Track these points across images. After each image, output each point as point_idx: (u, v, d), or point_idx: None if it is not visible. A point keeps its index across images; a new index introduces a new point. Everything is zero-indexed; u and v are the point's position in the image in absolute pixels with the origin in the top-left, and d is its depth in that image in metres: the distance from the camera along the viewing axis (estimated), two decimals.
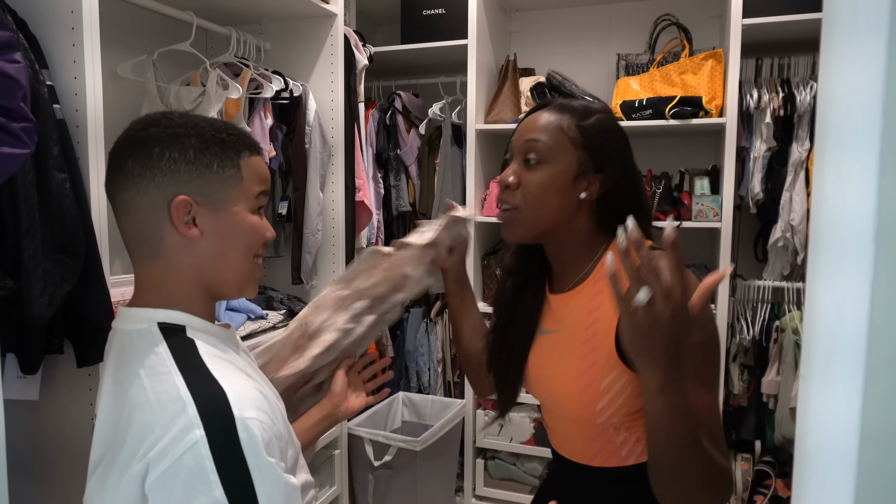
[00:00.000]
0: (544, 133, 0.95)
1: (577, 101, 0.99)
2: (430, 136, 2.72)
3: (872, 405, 0.25)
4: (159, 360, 0.74)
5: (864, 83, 0.29)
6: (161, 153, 0.77)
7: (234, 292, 0.84)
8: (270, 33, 2.17)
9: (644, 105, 2.23)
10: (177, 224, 0.77)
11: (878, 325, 0.26)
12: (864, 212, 0.28)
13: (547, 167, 0.95)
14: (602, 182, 0.96)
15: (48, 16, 1.20)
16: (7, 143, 0.91)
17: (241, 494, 0.66)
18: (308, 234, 2.08)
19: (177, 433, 0.67)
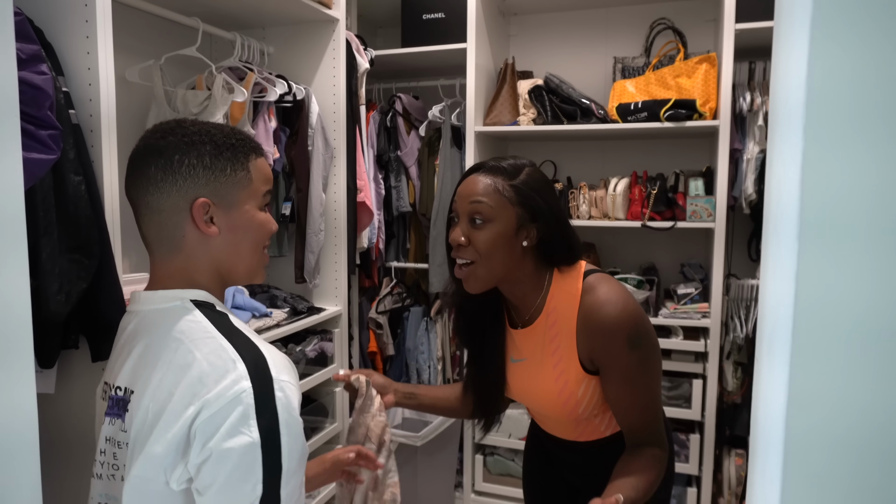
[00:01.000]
0: (485, 196, 1.12)
1: (505, 162, 1.16)
2: (430, 137, 2.77)
3: (799, 380, 0.30)
4: (200, 327, 0.83)
5: (794, 82, 0.34)
6: (181, 160, 0.85)
7: (245, 279, 0.95)
8: (274, 38, 2.22)
9: (639, 108, 2.28)
10: (198, 223, 0.86)
11: (802, 308, 0.31)
12: (791, 201, 0.32)
13: (492, 225, 1.12)
14: (538, 229, 1.14)
15: (63, 25, 1.25)
16: (35, 149, 0.97)
17: (271, 441, 0.77)
18: (311, 234, 2.13)
19: (229, 383, 0.77)
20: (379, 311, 2.82)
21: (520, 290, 1.19)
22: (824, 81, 0.32)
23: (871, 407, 0.30)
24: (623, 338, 1.09)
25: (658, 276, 2.49)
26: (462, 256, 1.14)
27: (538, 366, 1.19)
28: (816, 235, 0.32)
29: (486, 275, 1.14)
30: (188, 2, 1.89)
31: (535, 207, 1.13)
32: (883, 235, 0.31)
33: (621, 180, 2.40)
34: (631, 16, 2.65)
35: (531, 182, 1.14)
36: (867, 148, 0.32)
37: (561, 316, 1.16)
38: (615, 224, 2.38)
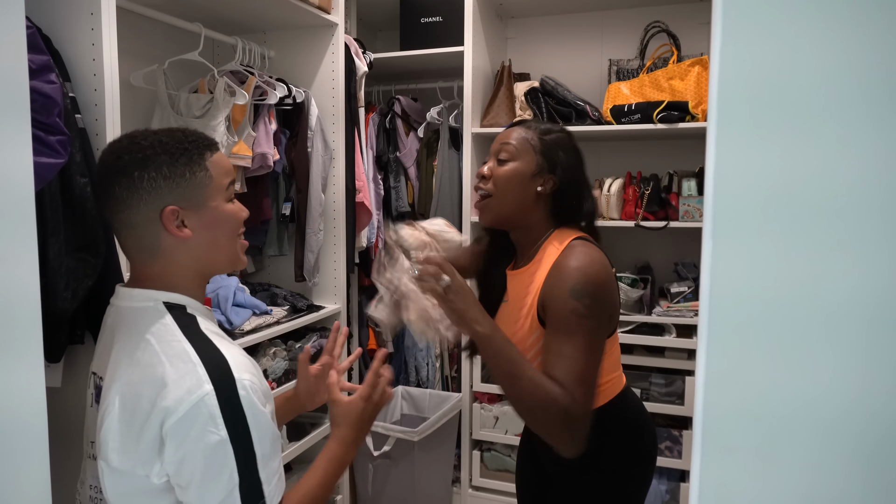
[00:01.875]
0: (514, 140, 1.27)
1: (544, 124, 1.31)
2: (428, 139, 2.82)
3: (712, 360, 0.35)
4: (167, 330, 0.89)
5: (713, 80, 0.38)
6: (141, 175, 0.90)
7: (227, 268, 1.01)
8: (275, 42, 2.27)
9: (633, 110, 2.32)
10: (170, 230, 0.92)
11: (715, 294, 0.35)
12: (709, 196, 0.37)
13: (513, 164, 1.25)
14: (554, 182, 1.25)
15: (70, 32, 1.30)
16: (45, 153, 1.02)
17: (240, 435, 0.85)
18: (310, 234, 2.18)
19: (191, 386, 0.83)
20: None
21: (525, 237, 1.30)
22: (730, 78, 0.37)
23: (776, 384, 0.35)
24: (568, 285, 1.12)
25: (652, 275, 2.53)
26: (481, 186, 1.28)
27: (512, 308, 1.28)
28: (725, 227, 0.36)
29: (497, 208, 1.26)
30: (191, 7, 1.94)
31: (554, 160, 1.25)
32: (782, 225, 0.35)
33: (616, 181, 2.44)
34: (626, 19, 2.69)
35: (559, 141, 1.27)
36: (767, 143, 0.36)
37: (542, 266, 1.22)
38: (610, 224, 2.42)
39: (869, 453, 0.34)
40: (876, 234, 0.35)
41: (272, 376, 1.94)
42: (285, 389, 1.98)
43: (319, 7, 2.09)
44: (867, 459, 0.34)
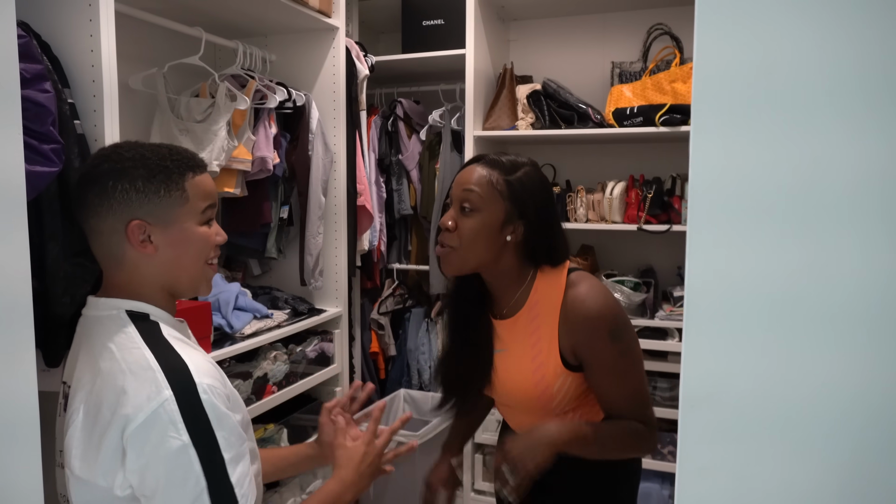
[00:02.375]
0: (478, 186, 1.15)
1: (506, 157, 1.19)
2: (430, 141, 2.82)
3: (690, 347, 0.35)
4: (128, 338, 0.89)
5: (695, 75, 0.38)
6: (114, 186, 0.91)
7: (190, 292, 1.00)
8: (276, 46, 2.27)
9: (635, 113, 2.31)
10: (133, 243, 0.93)
11: (692, 284, 0.35)
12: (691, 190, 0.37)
13: (479, 215, 1.14)
14: (525, 227, 1.16)
15: (69, 38, 1.30)
16: (39, 162, 1.03)
17: (204, 438, 0.84)
18: (310, 237, 2.18)
19: (150, 393, 0.82)
20: (381, 312, 2.87)
21: (501, 283, 1.22)
22: (707, 70, 0.36)
23: (752, 370, 0.35)
24: (605, 331, 1.13)
25: (655, 279, 2.52)
26: (445, 240, 1.17)
27: (518, 357, 1.21)
28: (702, 217, 0.36)
29: (462, 262, 1.17)
30: (192, 12, 1.95)
31: (524, 205, 1.15)
32: (757, 215, 0.35)
33: (618, 184, 2.43)
34: (628, 21, 2.68)
35: (526, 180, 1.16)
36: (740, 134, 0.36)
37: (543, 309, 1.18)
38: (612, 227, 2.41)
39: (853, 447, 0.34)
40: (858, 224, 0.35)
41: (272, 380, 1.94)
42: (286, 393, 1.98)
43: (320, 11, 2.10)
44: (850, 452, 0.34)
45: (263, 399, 1.89)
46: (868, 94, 0.34)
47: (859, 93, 0.34)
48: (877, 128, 0.34)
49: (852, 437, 0.35)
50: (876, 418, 0.33)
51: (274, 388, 1.95)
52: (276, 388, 1.96)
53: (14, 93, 0.60)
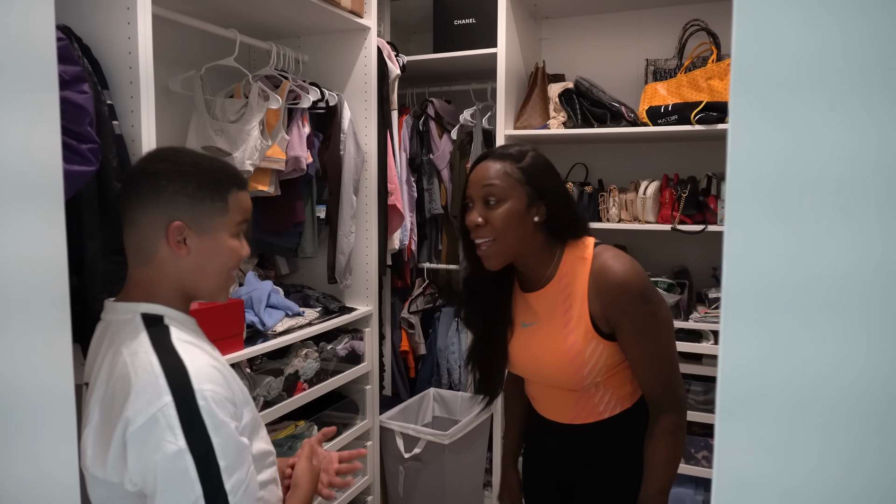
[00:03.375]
0: (497, 179, 1.22)
1: (511, 148, 1.26)
2: (461, 141, 2.81)
3: (728, 337, 0.33)
4: (139, 343, 0.92)
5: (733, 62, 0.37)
6: (167, 185, 0.96)
7: (208, 298, 1.04)
8: (309, 47, 2.30)
9: (669, 111, 2.27)
10: (171, 243, 0.96)
11: (730, 272, 0.34)
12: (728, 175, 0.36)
13: (505, 204, 1.21)
14: (546, 206, 1.24)
15: (108, 41, 1.34)
16: (77, 161, 1.06)
17: (201, 444, 0.86)
18: (342, 236, 2.20)
19: (151, 397, 0.87)
20: (411, 311, 2.88)
21: (532, 262, 1.28)
22: (747, 54, 0.35)
23: (798, 371, 0.33)
24: (635, 293, 1.19)
25: (690, 280, 2.47)
26: (481, 236, 1.23)
27: (550, 326, 1.27)
28: (740, 203, 0.35)
29: (504, 250, 1.23)
30: (227, 14, 1.98)
31: (541, 187, 1.23)
32: (802, 205, 0.34)
33: (651, 183, 2.39)
34: (663, 17, 2.64)
35: (536, 164, 1.25)
36: (783, 118, 0.34)
37: (573, 278, 1.25)
38: (645, 227, 2.37)
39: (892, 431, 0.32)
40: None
41: (303, 377, 1.97)
42: (317, 390, 2.00)
43: (352, 11, 2.11)
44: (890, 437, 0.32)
45: (294, 396, 1.91)
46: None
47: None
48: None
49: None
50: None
51: (305, 385, 1.97)
52: (306, 385, 1.98)
53: (53, 93, 0.61)
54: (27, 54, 0.56)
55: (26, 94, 0.56)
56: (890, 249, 0.32)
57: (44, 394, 0.62)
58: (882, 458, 0.32)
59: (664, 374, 1.22)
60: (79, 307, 1.28)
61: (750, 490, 0.33)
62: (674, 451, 1.22)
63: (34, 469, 0.61)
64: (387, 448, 2.45)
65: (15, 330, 0.57)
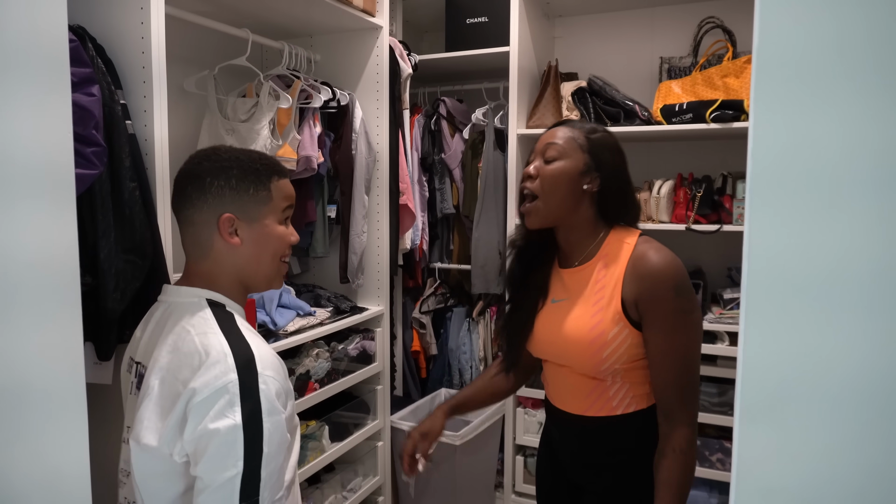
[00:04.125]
0: (560, 139, 1.26)
1: (591, 124, 1.30)
2: (473, 140, 2.80)
3: (750, 327, 0.32)
4: (207, 323, 0.97)
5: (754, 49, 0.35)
6: (212, 182, 1.01)
7: (264, 286, 1.08)
8: (320, 46, 2.29)
9: (684, 109, 2.24)
10: (223, 234, 1.01)
11: (753, 262, 0.32)
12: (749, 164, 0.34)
13: (560, 163, 1.24)
14: (601, 179, 1.24)
15: (122, 42, 1.34)
16: (80, 164, 1.07)
17: (253, 424, 0.90)
18: (354, 236, 2.19)
19: (219, 373, 0.91)
20: (422, 311, 2.87)
21: (574, 236, 1.29)
22: (770, 44, 0.34)
23: (813, 350, 0.32)
24: (671, 284, 1.17)
25: (704, 280, 2.44)
26: (527, 187, 1.26)
27: (579, 303, 1.26)
28: (762, 192, 0.33)
29: (545, 210, 1.24)
30: (239, 14, 1.98)
31: (601, 158, 1.24)
32: (823, 193, 0.32)
33: (665, 182, 2.36)
34: (678, 15, 2.61)
35: (604, 140, 1.27)
36: (806, 109, 0.33)
37: (612, 261, 1.24)
38: (659, 227, 2.34)
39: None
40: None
41: (315, 377, 1.96)
42: (328, 390, 2.00)
43: (364, 10, 2.10)
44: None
45: (306, 396, 1.91)
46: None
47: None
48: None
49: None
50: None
51: (316, 385, 1.97)
52: (317, 385, 1.98)
53: (65, 78, 0.61)
54: (40, 45, 0.55)
55: (38, 85, 0.56)
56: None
57: (55, 387, 0.61)
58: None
59: (681, 378, 1.18)
60: (92, 306, 1.29)
61: (773, 501, 0.32)
62: (687, 470, 1.18)
63: (46, 463, 0.60)
64: (398, 448, 2.44)
65: (27, 323, 0.57)
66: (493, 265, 2.63)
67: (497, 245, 2.62)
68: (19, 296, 0.56)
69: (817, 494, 0.31)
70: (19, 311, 0.57)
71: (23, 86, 0.55)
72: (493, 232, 2.63)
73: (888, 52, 0.32)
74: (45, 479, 0.61)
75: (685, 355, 1.18)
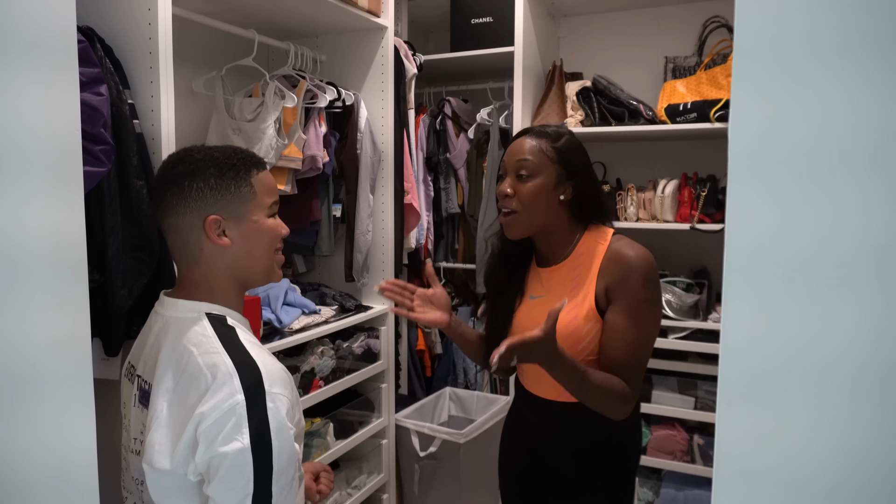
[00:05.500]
0: (531, 154, 1.29)
1: (549, 128, 1.34)
2: (478, 140, 2.81)
3: (728, 307, 0.33)
4: (209, 342, 0.94)
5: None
6: (190, 185, 0.98)
7: (263, 280, 1.06)
8: (326, 46, 2.31)
9: (689, 108, 2.24)
10: (211, 237, 0.98)
11: (731, 241, 0.33)
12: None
13: (535, 179, 1.29)
14: (574, 186, 1.31)
15: (129, 42, 1.36)
16: (89, 162, 1.08)
17: (262, 444, 0.89)
18: (359, 235, 2.21)
19: (225, 395, 0.90)
20: None
21: (553, 240, 1.35)
22: (749, 30, 0.35)
23: (792, 335, 0.33)
24: (641, 274, 1.24)
25: (709, 280, 2.44)
26: (507, 206, 1.31)
27: (555, 300, 1.29)
28: (741, 175, 0.34)
29: (525, 222, 1.30)
30: (245, 14, 2.00)
31: (572, 166, 1.30)
32: (799, 174, 0.33)
33: (670, 182, 2.36)
34: (683, 14, 2.61)
35: (570, 146, 1.32)
36: (788, 86, 0.34)
37: (587, 259, 1.31)
38: (663, 226, 2.34)
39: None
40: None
41: (319, 374, 1.98)
42: (332, 388, 2.02)
43: (369, 11, 2.12)
44: (892, 486, 0.31)
45: (310, 393, 1.93)
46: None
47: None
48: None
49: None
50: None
51: (321, 382, 1.99)
52: (322, 382, 1.99)
53: (72, 59, 0.62)
54: (48, 29, 0.56)
55: (46, 66, 0.57)
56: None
57: (63, 373, 0.62)
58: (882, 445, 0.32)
59: (632, 361, 1.23)
60: (100, 302, 1.31)
61: (749, 481, 0.33)
62: (615, 400, 1.20)
63: (54, 447, 0.62)
64: (402, 446, 2.46)
65: (32, 295, 0.58)
66: None
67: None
68: (28, 281, 0.57)
69: (794, 475, 0.32)
70: (25, 283, 0.57)
71: (31, 67, 0.56)
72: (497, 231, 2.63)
73: (871, 31, 0.33)
74: (53, 463, 0.62)
75: (641, 342, 1.24)
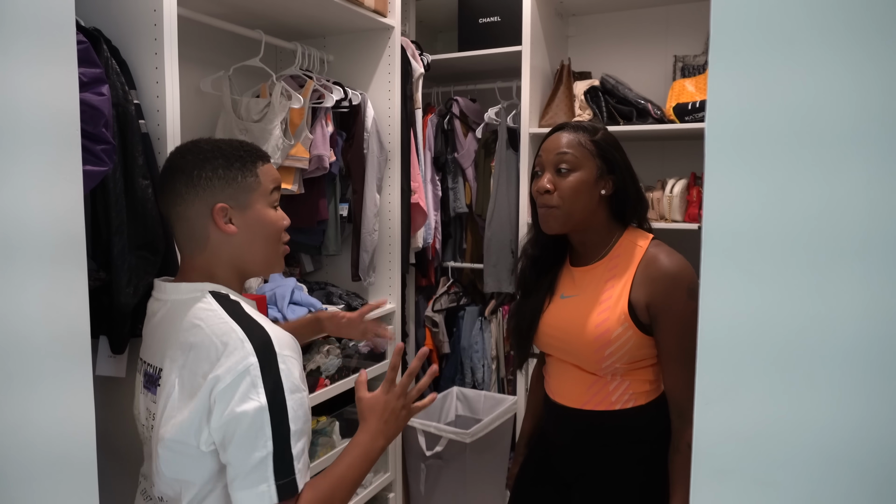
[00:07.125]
0: (570, 148, 1.27)
1: (586, 123, 1.31)
2: (486, 139, 2.80)
3: (707, 290, 0.33)
4: (216, 314, 0.97)
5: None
6: (199, 174, 1.02)
7: (264, 271, 1.10)
8: (333, 46, 2.32)
9: (697, 108, 2.23)
10: (219, 224, 1.02)
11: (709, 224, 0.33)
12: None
13: (576, 174, 1.26)
14: (614, 181, 1.28)
15: (135, 43, 1.37)
16: (91, 161, 1.10)
17: (277, 403, 0.92)
18: (365, 234, 2.22)
19: (238, 358, 0.92)
20: (435, 309, 2.88)
21: (590, 239, 1.31)
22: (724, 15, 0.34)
23: (765, 313, 0.33)
24: (684, 286, 1.19)
25: None
26: (547, 202, 1.27)
27: (587, 300, 1.28)
28: (719, 153, 0.34)
29: (565, 217, 1.26)
30: (252, 15, 2.01)
31: (612, 161, 1.27)
32: (775, 150, 0.33)
33: (679, 181, 2.35)
34: (692, 13, 2.59)
35: (608, 139, 1.30)
36: (764, 73, 0.33)
37: (623, 261, 1.27)
38: (672, 226, 2.33)
39: (875, 482, 0.31)
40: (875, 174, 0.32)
41: (325, 373, 1.99)
42: (338, 386, 2.03)
43: (376, 11, 2.12)
44: (870, 487, 0.31)
45: (316, 392, 1.93)
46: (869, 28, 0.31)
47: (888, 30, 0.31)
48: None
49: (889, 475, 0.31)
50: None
51: (326, 381, 2.00)
52: (328, 381, 2.00)
53: (70, 44, 0.63)
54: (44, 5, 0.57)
55: (43, 42, 0.58)
56: (872, 195, 0.31)
57: (59, 339, 0.63)
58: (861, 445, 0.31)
59: (694, 377, 1.18)
60: (106, 300, 1.32)
61: (727, 482, 0.33)
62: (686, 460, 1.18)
63: (54, 413, 0.62)
64: (409, 446, 2.46)
65: (31, 275, 0.59)
66: (505, 264, 2.63)
67: (509, 244, 2.62)
68: (25, 256, 0.58)
69: (770, 476, 0.32)
70: (23, 262, 0.58)
71: (27, 44, 0.57)
72: (505, 231, 2.63)
73: (850, 9, 0.33)
74: (52, 432, 0.63)
75: (694, 356, 1.19)
